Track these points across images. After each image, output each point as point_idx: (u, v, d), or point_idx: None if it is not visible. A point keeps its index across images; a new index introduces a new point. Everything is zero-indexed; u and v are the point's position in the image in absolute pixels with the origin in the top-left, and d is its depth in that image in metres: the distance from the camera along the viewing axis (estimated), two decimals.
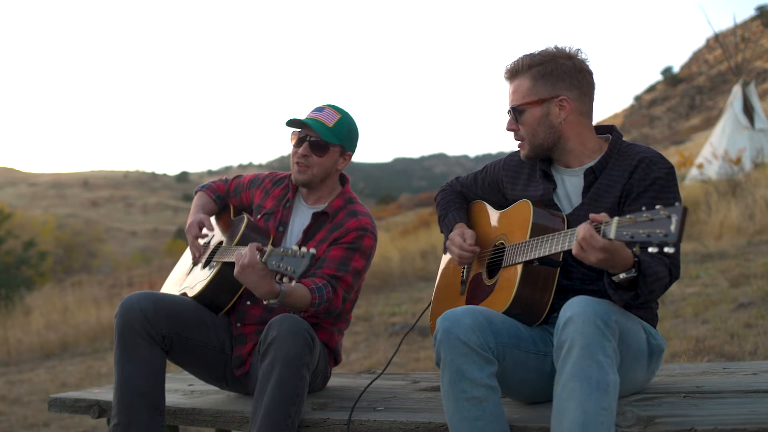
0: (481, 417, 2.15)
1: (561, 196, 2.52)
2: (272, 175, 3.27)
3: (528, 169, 2.64)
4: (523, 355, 2.29)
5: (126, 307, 2.75)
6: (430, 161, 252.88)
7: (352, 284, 2.90)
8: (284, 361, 2.54)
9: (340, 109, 3.02)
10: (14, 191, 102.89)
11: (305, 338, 2.59)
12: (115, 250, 51.40)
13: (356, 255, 2.91)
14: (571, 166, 2.51)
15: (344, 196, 3.07)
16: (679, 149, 23.57)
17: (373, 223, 3.03)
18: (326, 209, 3.00)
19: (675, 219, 1.80)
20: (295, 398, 2.57)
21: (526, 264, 2.35)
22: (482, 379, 2.16)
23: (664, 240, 1.81)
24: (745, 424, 2.02)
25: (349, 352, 7.15)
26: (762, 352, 4.51)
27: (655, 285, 2.18)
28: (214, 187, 3.32)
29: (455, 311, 2.24)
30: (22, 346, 11.22)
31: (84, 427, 5.74)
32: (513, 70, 2.49)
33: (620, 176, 2.39)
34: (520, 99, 2.46)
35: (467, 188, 2.89)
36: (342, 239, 2.92)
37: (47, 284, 21.78)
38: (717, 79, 51.90)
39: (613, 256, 2.04)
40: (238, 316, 2.99)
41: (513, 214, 2.57)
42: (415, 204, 40.52)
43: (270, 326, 2.61)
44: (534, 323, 2.39)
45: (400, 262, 12.60)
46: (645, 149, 2.43)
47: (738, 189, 11.41)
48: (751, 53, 44.07)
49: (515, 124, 2.50)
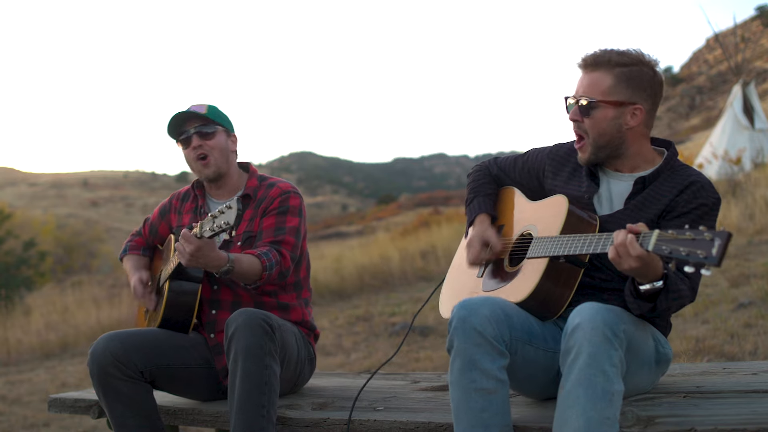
0: (488, 409, 2.14)
1: (603, 199, 2.48)
2: (176, 194, 3.29)
3: (573, 163, 2.58)
4: (533, 351, 2.28)
5: (96, 354, 2.76)
6: (430, 161, 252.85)
7: (295, 243, 2.96)
8: (245, 353, 2.56)
9: (203, 104, 3.07)
10: (14, 191, 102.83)
11: (262, 327, 2.60)
12: (115, 250, 51.23)
13: (287, 216, 2.98)
14: (621, 170, 2.47)
15: (255, 176, 3.13)
16: (679, 149, 23.53)
17: (294, 186, 3.10)
18: (246, 192, 3.05)
19: (718, 243, 1.78)
20: (264, 387, 2.57)
21: (552, 259, 2.33)
22: (493, 371, 2.15)
23: (702, 261, 1.79)
24: (745, 424, 2.02)
25: (349, 352, 7.15)
26: (762, 352, 4.51)
27: (675, 303, 2.18)
28: (134, 245, 3.37)
29: (473, 300, 2.22)
30: (22, 346, 11.22)
31: (84, 427, 5.74)
32: (595, 61, 2.38)
33: (668, 192, 2.37)
34: (597, 94, 2.37)
35: (505, 171, 2.79)
36: (269, 207, 2.99)
37: (47, 284, 21.76)
38: (717, 79, 51.90)
39: (647, 266, 2.04)
40: (209, 327, 2.99)
41: (546, 207, 2.52)
42: (415, 204, 40.50)
43: (228, 324, 2.64)
44: (548, 318, 2.38)
45: (400, 262, 12.59)
46: (698, 173, 2.42)
47: (738, 189, 11.42)
48: (751, 53, 44.07)
49: (581, 115, 2.40)
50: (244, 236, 2.98)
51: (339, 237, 27.34)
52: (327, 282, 11.77)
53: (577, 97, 2.41)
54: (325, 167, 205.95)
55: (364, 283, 11.83)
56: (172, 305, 2.95)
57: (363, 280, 11.90)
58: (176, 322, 2.97)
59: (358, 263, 12.66)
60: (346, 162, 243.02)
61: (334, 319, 9.26)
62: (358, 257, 13.42)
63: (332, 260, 13.49)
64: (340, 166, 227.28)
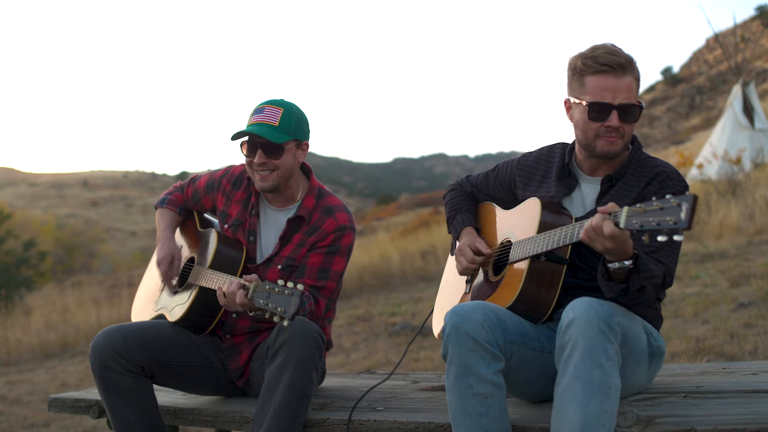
0: (486, 414, 2.14)
1: (575, 201, 2.50)
2: (228, 174, 3.07)
3: (542, 170, 2.63)
4: (529, 352, 2.29)
5: (97, 347, 2.75)
6: (430, 161, 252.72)
7: (335, 289, 2.88)
8: (296, 362, 2.54)
9: (279, 102, 2.86)
10: (14, 191, 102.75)
11: (317, 340, 2.59)
12: (115, 250, 51.32)
13: (336, 257, 2.86)
14: (593, 173, 2.49)
15: (314, 192, 2.95)
16: (679, 149, 23.56)
17: (350, 215, 2.93)
18: (300, 212, 2.88)
19: (685, 207, 1.81)
20: (304, 399, 2.58)
21: (533, 260, 2.34)
22: (488, 376, 2.15)
23: (674, 228, 1.81)
24: (745, 424, 2.02)
25: (349, 352, 7.15)
26: (762, 352, 4.51)
27: (647, 282, 2.17)
28: (173, 199, 3.17)
29: (465, 306, 2.23)
30: (22, 347, 11.22)
31: (84, 427, 5.74)
32: (624, 65, 2.34)
33: (636, 186, 2.40)
34: (634, 98, 2.37)
35: (478, 187, 2.86)
36: (320, 243, 2.85)
37: (47, 284, 21.76)
38: (717, 79, 51.88)
39: (620, 246, 2.05)
40: (227, 328, 2.95)
41: (521, 212, 2.56)
42: (415, 204, 40.48)
43: (280, 329, 2.60)
44: (538, 320, 2.39)
45: (400, 262, 12.58)
46: (663, 163, 2.44)
47: (738, 189, 11.41)
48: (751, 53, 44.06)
49: (619, 121, 2.35)
50: (286, 262, 2.87)
51: None
52: None
53: (627, 103, 2.35)
54: (325, 167, 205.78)
55: (364, 283, 11.82)
56: (195, 312, 2.88)
57: (363, 280, 11.90)
58: (194, 324, 2.93)
59: (358, 263, 12.65)
60: (346, 162, 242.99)
61: (334, 319, 9.24)
62: (358, 257, 13.41)
63: None
64: (340, 166, 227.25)
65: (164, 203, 3.17)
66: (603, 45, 2.39)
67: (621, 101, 2.34)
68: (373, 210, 50.68)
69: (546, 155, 2.66)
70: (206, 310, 2.88)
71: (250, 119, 2.84)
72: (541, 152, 2.69)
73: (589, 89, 2.36)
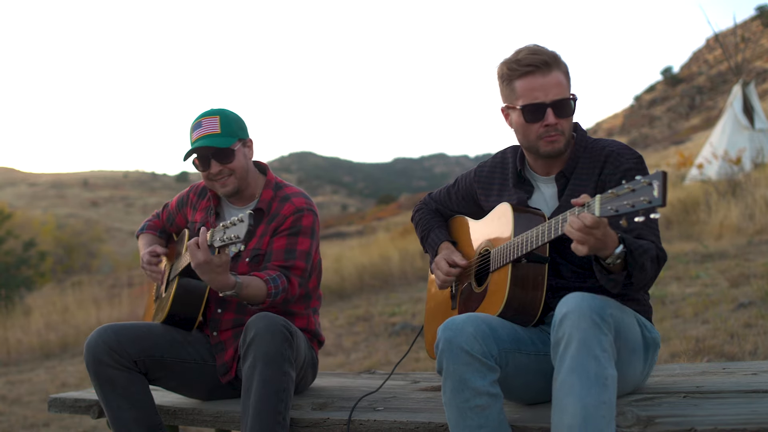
0: (485, 425, 2.15)
1: (538, 203, 2.51)
2: (194, 188, 3.23)
3: (498, 178, 2.65)
4: (524, 358, 2.29)
5: (90, 345, 2.79)
6: (430, 161, 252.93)
7: (305, 268, 2.92)
8: (265, 359, 2.56)
9: (212, 111, 2.95)
10: (14, 191, 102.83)
11: (283, 334, 2.60)
12: (115, 250, 51.34)
13: (299, 238, 2.92)
14: (548, 173, 2.50)
15: (271, 185, 3.05)
16: (679, 149, 23.58)
17: (308, 199, 3.01)
18: (260, 205, 2.98)
19: (657, 184, 1.82)
20: (282, 393, 2.58)
21: (515, 264, 2.35)
22: (484, 388, 2.15)
23: (649, 206, 1.82)
24: (745, 424, 2.02)
25: (348, 352, 7.16)
26: (762, 352, 4.51)
27: (644, 257, 2.16)
28: (152, 224, 3.36)
29: (456, 320, 2.22)
30: (22, 347, 11.22)
31: (84, 427, 5.74)
32: (550, 61, 2.35)
33: (591, 174, 2.40)
34: (566, 92, 2.37)
35: (442, 204, 2.89)
36: (281, 227, 2.93)
37: (47, 284, 21.77)
38: (717, 79, 51.90)
39: (605, 235, 2.04)
40: (213, 325, 2.99)
41: (493, 219, 2.56)
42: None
43: (247, 327, 2.62)
44: (529, 323, 2.39)
45: (400, 262, 12.59)
46: (610, 143, 2.44)
47: (738, 189, 11.41)
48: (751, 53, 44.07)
49: (555, 117, 2.37)
50: (252, 253, 2.94)
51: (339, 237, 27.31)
52: (327, 282, 11.76)
53: (554, 101, 2.36)
54: (325, 167, 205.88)
55: (364, 283, 11.84)
56: (179, 302, 2.94)
57: (363, 280, 11.91)
58: (181, 318, 2.97)
59: (358, 263, 12.66)
60: (346, 162, 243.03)
61: (334, 319, 9.26)
62: (358, 257, 13.42)
63: (332, 260, 13.48)
64: (340, 166, 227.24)
65: (143, 230, 3.37)
66: (525, 47, 2.40)
67: (553, 98, 2.34)
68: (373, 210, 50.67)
69: (500, 163, 2.68)
70: (189, 297, 2.94)
71: (192, 136, 2.94)
72: (495, 160, 2.71)
73: (519, 93, 2.37)
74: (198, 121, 2.94)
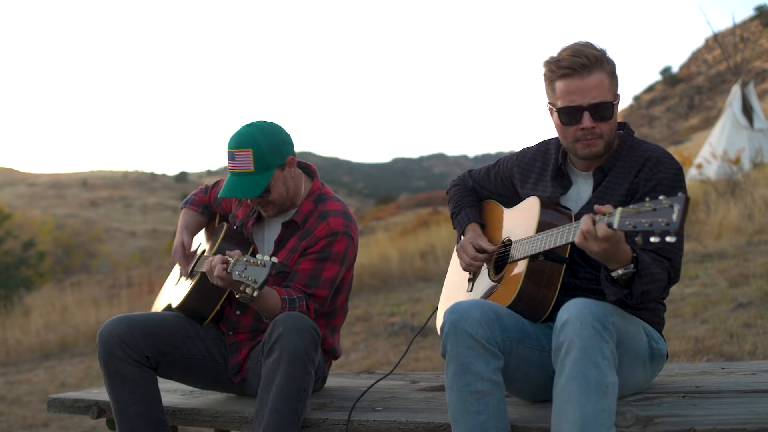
0: (484, 411, 2.14)
1: (572, 198, 2.50)
2: None
3: (539, 167, 2.63)
4: (528, 351, 2.29)
5: (103, 336, 2.78)
6: (429, 161, 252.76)
7: (326, 296, 2.85)
8: (290, 357, 2.54)
9: (244, 142, 2.76)
10: (13, 191, 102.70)
11: (311, 334, 2.59)
12: (115, 250, 51.32)
13: (326, 264, 2.83)
14: (588, 168, 2.48)
15: (313, 196, 2.95)
16: (678, 149, 23.56)
17: (347, 219, 2.89)
18: (294, 217, 2.89)
19: (677, 208, 1.81)
20: (302, 393, 2.58)
21: (532, 259, 2.35)
22: (487, 374, 2.15)
23: (666, 229, 1.82)
24: (744, 424, 2.02)
25: (348, 352, 7.15)
26: (761, 352, 4.51)
27: (651, 286, 2.17)
28: (197, 200, 3.25)
29: (463, 304, 2.23)
30: (22, 347, 11.23)
31: (83, 427, 5.74)
32: (590, 63, 2.29)
33: (627, 175, 2.38)
34: (607, 95, 2.32)
35: (479, 183, 2.87)
36: (311, 248, 2.84)
37: (46, 284, 21.75)
38: (716, 79, 51.90)
39: (615, 247, 2.03)
40: (230, 325, 2.98)
41: (521, 211, 2.56)
42: (415, 204, 40.48)
43: (275, 324, 2.60)
44: (538, 319, 2.39)
45: (400, 262, 12.59)
46: (654, 147, 2.41)
47: (737, 189, 11.42)
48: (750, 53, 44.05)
49: (592, 121, 2.32)
50: (279, 267, 2.83)
51: None
52: None
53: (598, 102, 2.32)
54: (325, 167, 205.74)
55: (363, 283, 11.82)
56: (197, 296, 2.92)
57: (362, 280, 11.90)
58: (195, 311, 2.96)
59: (357, 263, 12.59)
60: (345, 162, 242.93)
61: None
62: (358, 257, 13.39)
63: None
64: (340, 166, 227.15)
65: (188, 204, 3.26)
66: (569, 46, 2.36)
67: (590, 101, 2.31)
68: (372, 210, 50.66)
69: (543, 153, 2.66)
70: (205, 296, 2.92)
71: (228, 165, 2.82)
72: (540, 148, 2.68)
73: (559, 94, 2.35)
74: (231, 151, 2.78)
